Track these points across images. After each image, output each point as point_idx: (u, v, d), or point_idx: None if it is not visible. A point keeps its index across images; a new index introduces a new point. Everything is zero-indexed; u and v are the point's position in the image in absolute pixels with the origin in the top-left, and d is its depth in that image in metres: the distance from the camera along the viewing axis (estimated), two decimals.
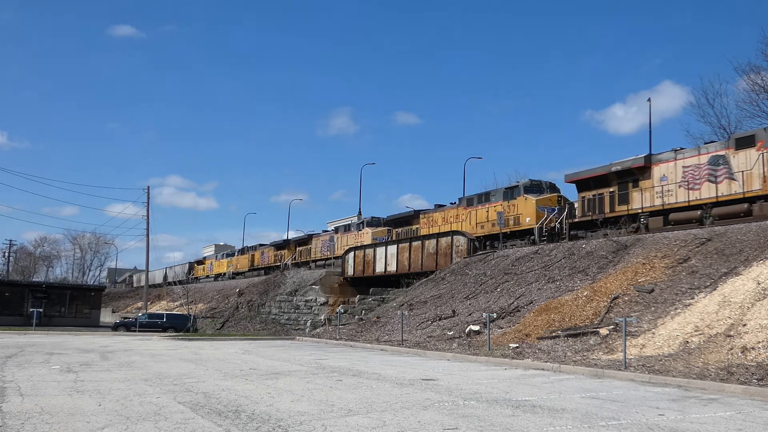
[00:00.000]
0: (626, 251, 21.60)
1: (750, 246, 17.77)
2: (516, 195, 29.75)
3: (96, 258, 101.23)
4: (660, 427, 8.08)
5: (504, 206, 29.98)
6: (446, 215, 34.10)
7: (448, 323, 22.85)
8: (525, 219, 28.94)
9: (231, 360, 17.85)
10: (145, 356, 18.90)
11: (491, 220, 30.63)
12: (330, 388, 11.45)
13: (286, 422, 8.06)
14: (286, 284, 40.59)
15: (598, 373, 13.73)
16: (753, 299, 14.58)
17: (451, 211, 34.00)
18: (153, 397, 10.15)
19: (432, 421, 8.26)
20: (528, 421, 8.28)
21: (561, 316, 18.83)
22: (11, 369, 14.51)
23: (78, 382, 12.09)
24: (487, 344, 18.56)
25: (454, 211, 33.70)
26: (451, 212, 33.96)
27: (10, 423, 7.91)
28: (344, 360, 17.72)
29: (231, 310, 41.07)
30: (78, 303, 47.21)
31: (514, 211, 29.57)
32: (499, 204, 30.48)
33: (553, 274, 22.75)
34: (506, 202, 30.05)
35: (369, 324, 27.78)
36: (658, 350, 14.61)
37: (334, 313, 32.51)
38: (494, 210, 30.59)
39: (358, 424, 8.00)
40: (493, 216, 30.59)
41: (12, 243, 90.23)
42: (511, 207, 29.73)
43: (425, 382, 12.43)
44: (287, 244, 54.28)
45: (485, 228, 31.12)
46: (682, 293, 17.09)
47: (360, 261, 37.58)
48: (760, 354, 12.41)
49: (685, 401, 10.24)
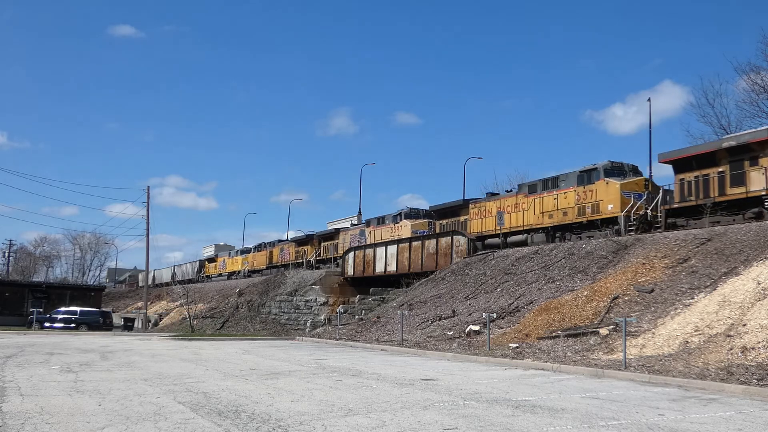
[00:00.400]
0: (626, 251, 21.61)
1: (750, 246, 17.77)
2: (594, 179, 26.06)
3: (96, 258, 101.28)
4: (660, 427, 8.08)
5: (578, 192, 26.50)
6: (502, 204, 30.61)
7: (448, 323, 22.85)
8: (606, 206, 25.30)
9: (231, 360, 17.86)
10: (145, 356, 18.91)
11: (562, 208, 27.21)
12: (330, 388, 11.45)
13: (286, 422, 8.06)
14: (286, 284, 40.59)
15: (598, 373, 13.73)
16: (753, 299, 14.58)
17: (508, 200, 30.54)
18: (153, 397, 10.15)
19: (432, 421, 8.26)
20: (528, 421, 8.28)
21: (561, 316, 18.83)
22: (11, 369, 14.52)
23: (78, 382, 12.09)
24: (487, 344, 18.56)
25: (512, 199, 30.26)
26: (508, 201, 30.46)
27: (10, 423, 7.91)
28: (344, 360, 17.72)
29: (231, 310, 41.05)
30: (78, 303, 47.21)
31: (591, 197, 25.98)
32: (571, 190, 26.87)
33: (553, 274, 22.76)
34: (581, 187, 26.44)
35: (369, 324, 27.78)
36: (658, 350, 14.62)
37: (334, 313, 32.52)
38: (565, 197, 27.13)
39: (358, 424, 8.00)
40: (564, 203, 27.14)
41: (12, 243, 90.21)
42: (588, 193, 26.18)
43: (425, 382, 12.43)
44: (310, 240, 50.65)
45: (555, 217, 27.59)
46: (682, 293, 17.10)
47: (360, 261, 37.59)
48: (760, 354, 12.41)
49: (685, 401, 10.24)
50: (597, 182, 25.98)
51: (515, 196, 30.37)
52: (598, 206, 25.81)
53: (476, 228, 31.91)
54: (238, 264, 62.60)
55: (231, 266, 64.23)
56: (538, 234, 28.52)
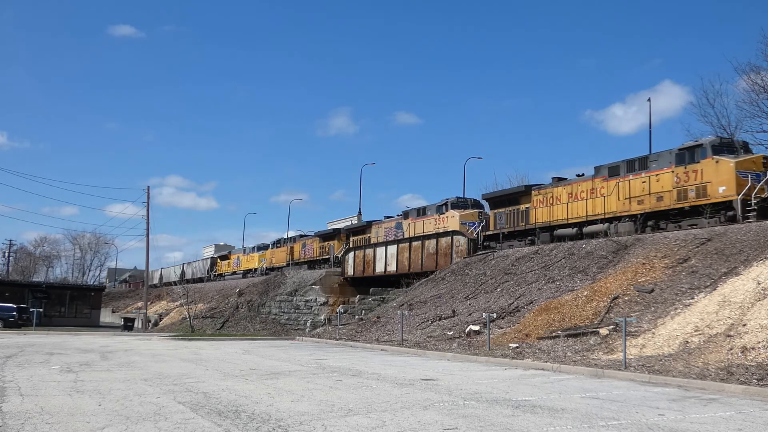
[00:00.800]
0: (626, 251, 21.60)
1: (750, 246, 17.77)
2: (699, 157, 22.33)
3: (96, 258, 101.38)
4: (660, 427, 8.08)
5: (677, 173, 22.80)
6: (574, 190, 26.99)
7: (448, 323, 22.86)
8: (717, 189, 21.69)
9: (231, 360, 17.86)
10: (145, 356, 18.91)
11: (655, 192, 23.40)
12: (330, 388, 11.45)
13: (286, 422, 8.06)
14: (286, 284, 40.60)
15: (598, 373, 13.74)
16: (753, 299, 14.58)
17: (582, 185, 26.79)
18: (153, 397, 10.15)
19: (432, 421, 8.26)
20: (528, 421, 8.28)
21: (561, 316, 18.84)
22: (11, 369, 14.52)
23: (78, 382, 12.09)
24: (487, 344, 18.56)
25: (588, 183, 26.54)
26: (582, 186, 26.76)
27: (10, 423, 7.92)
28: (344, 360, 17.72)
29: (231, 310, 41.04)
30: (78, 303, 47.33)
31: (695, 178, 22.27)
32: (667, 171, 23.17)
33: (553, 274, 22.76)
34: (680, 167, 22.72)
35: (369, 324, 27.78)
36: (658, 350, 14.62)
37: (334, 313, 32.52)
38: (658, 179, 23.45)
39: (358, 424, 8.00)
40: (657, 187, 23.43)
41: (12, 243, 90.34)
42: (691, 173, 22.46)
43: (425, 382, 12.43)
44: (336, 234, 46.91)
45: (646, 203, 23.81)
46: (682, 293, 17.10)
47: (360, 261, 37.59)
48: (760, 354, 12.41)
49: (685, 401, 10.24)
50: (703, 160, 22.18)
51: (591, 180, 26.60)
52: (705, 189, 22.05)
53: (542, 217, 28.34)
54: (254, 261, 58.71)
55: (246, 264, 60.40)
56: (623, 222, 24.72)
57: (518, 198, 30.34)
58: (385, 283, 35.68)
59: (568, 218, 27.13)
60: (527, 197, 29.66)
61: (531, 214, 29.00)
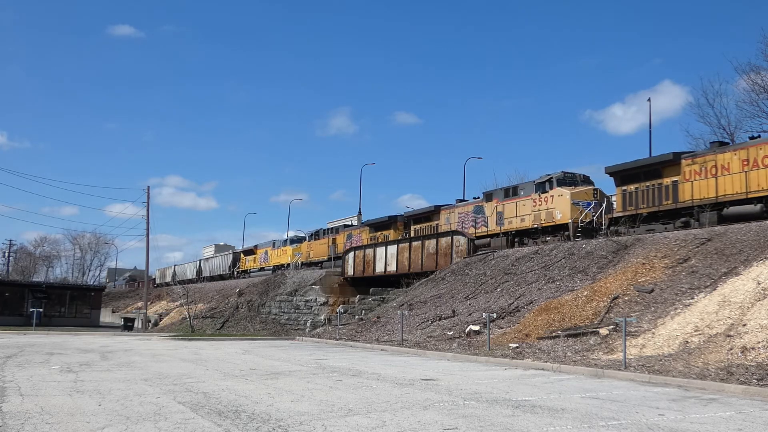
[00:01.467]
0: (626, 251, 21.60)
1: (750, 246, 17.77)
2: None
3: (96, 258, 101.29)
4: (660, 427, 8.08)
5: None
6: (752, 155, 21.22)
7: (448, 323, 22.85)
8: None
9: (231, 360, 17.86)
10: (145, 356, 18.90)
11: None
12: (330, 388, 11.45)
13: (286, 422, 8.06)
14: (286, 284, 40.59)
15: (598, 373, 13.73)
16: (753, 299, 14.58)
17: (764, 148, 21.05)
18: (153, 397, 10.15)
19: (432, 421, 8.26)
20: (528, 421, 8.28)
21: (561, 316, 18.83)
22: (11, 369, 14.52)
23: (78, 382, 12.09)
24: (487, 344, 18.56)
25: None
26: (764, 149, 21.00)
27: (10, 423, 7.92)
28: (344, 360, 17.72)
29: (231, 310, 41.01)
30: (78, 303, 47.27)
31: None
32: None
33: (553, 274, 22.75)
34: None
35: (369, 324, 27.78)
36: (658, 350, 14.62)
37: (334, 313, 32.50)
38: None
39: (358, 424, 8.00)
40: None
41: (12, 243, 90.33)
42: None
43: (425, 382, 12.43)
44: (393, 222, 39.67)
45: None
46: (682, 293, 17.10)
47: (360, 261, 37.58)
48: (760, 354, 12.41)
49: (685, 401, 10.24)
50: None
51: None
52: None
53: (699, 193, 22.76)
54: (287, 255, 51.25)
55: (277, 258, 52.79)
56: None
57: (659, 170, 24.52)
58: (385, 283, 35.67)
59: (747, 192, 21.16)
60: (674, 168, 23.91)
61: (680, 189, 23.47)
